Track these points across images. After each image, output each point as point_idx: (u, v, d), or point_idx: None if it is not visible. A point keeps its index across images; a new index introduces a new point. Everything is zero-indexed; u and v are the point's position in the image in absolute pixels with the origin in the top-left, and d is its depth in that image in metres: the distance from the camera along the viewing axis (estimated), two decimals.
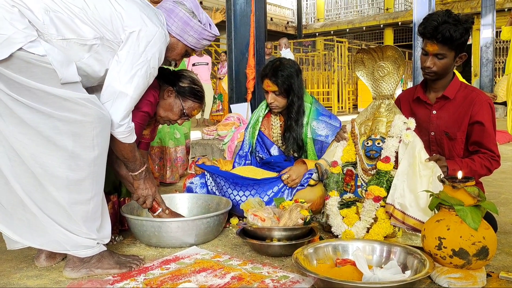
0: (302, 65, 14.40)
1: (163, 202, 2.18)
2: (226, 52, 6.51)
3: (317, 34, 20.52)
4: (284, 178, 2.41)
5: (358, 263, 1.59)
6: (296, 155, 2.67)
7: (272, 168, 2.69)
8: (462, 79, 4.19)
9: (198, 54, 8.87)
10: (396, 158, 2.05)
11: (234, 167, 2.74)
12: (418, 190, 1.89)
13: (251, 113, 3.99)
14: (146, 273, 1.78)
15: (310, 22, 22.50)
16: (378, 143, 2.11)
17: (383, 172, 2.04)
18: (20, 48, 1.51)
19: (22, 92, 1.56)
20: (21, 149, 1.62)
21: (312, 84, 14.08)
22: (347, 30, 20.30)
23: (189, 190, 2.65)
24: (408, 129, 2.04)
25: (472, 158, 2.08)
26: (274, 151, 2.73)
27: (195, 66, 8.91)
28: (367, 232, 2.02)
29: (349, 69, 14.31)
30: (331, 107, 12.85)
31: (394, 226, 1.99)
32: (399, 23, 18.79)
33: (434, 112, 2.20)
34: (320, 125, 2.60)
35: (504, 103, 6.84)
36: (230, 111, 4.51)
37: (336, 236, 2.10)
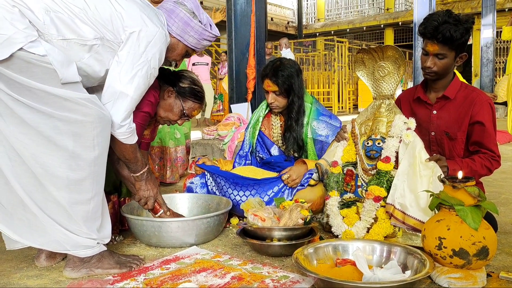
0: (302, 65, 14.40)
1: (165, 204, 2.18)
2: (226, 52, 6.51)
3: (317, 34, 20.52)
4: (284, 178, 2.41)
5: (358, 263, 1.59)
6: (296, 155, 2.66)
7: (272, 168, 2.69)
8: (462, 79, 4.19)
9: (198, 54, 8.86)
10: (396, 158, 2.05)
11: (234, 167, 2.74)
12: (418, 190, 1.89)
13: (251, 113, 3.99)
14: (146, 273, 1.78)
15: (311, 22, 22.49)
16: (379, 143, 2.11)
17: (383, 172, 2.04)
18: (20, 48, 1.51)
19: (22, 92, 1.56)
20: (21, 149, 1.62)
21: (312, 84, 14.08)
22: (348, 30, 20.29)
23: (189, 190, 2.65)
24: (408, 129, 2.04)
25: (472, 158, 2.08)
26: (274, 151, 2.73)
27: (195, 65, 8.92)
28: (367, 232, 2.02)
29: (349, 69, 14.31)
30: (332, 107, 12.85)
31: (394, 226, 1.99)
32: (400, 23, 18.78)
33: (435, 112, 2.20)
34: (320, 125, 2.60)
35: (504, 103, 6.83)
36: (230, 111, 4.50)
37: (336, 236, 2.10)
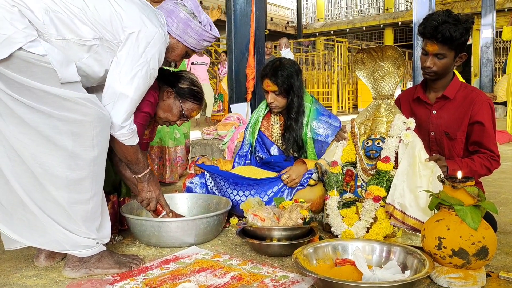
0: (302, 65, 14.40)
1: (167, 205, 2.17)
2: (226, 52, 6.51)
3: (317, 34, 20.52)
4: (284, 178, 2.41)
5: (358, 263, 1.59)
6: (296, 155, 2.66)
7: (272, 168, 2.69)
8: (461, 79, 4.19)
9: (198, 54, 8.85)
10: (396, 158, 2.05)
11: (234, 167, 2.74)
12: (418, 190, 1.89)
13: (251, 113, 3.99)
14: (145, 272, 1.78)
15: (310, 22, 22.49)
16: (378, 143, 2.11)
17: (383, 172, 2.04)
18: (20, 47, 1.52)
19: (22, 91, 1.56)
20: (21, 148, 1.62)
21: (312, 84, 14.08)
22: (347, 30, 20.29)
23: (188, 190, 2.65)
24: (408, 129, 2.04)
25: (472, 158, 2.08)
26: (274, 151, 2.73)
27: (194, 64, 8.90)
28: (367, 232, 2.02)
29: (349, 69, 14.31)
30: (331, 107, 12.85)
31: (394, 226, 1.99)
32: (399, 23, 18.78)
33: (434, 112, 2.20)
34: (320, 125, 2.60)
35: (504, 103, 6.84)
36: (230, 111, 4.50)
37: (335, 236, 2.10)
